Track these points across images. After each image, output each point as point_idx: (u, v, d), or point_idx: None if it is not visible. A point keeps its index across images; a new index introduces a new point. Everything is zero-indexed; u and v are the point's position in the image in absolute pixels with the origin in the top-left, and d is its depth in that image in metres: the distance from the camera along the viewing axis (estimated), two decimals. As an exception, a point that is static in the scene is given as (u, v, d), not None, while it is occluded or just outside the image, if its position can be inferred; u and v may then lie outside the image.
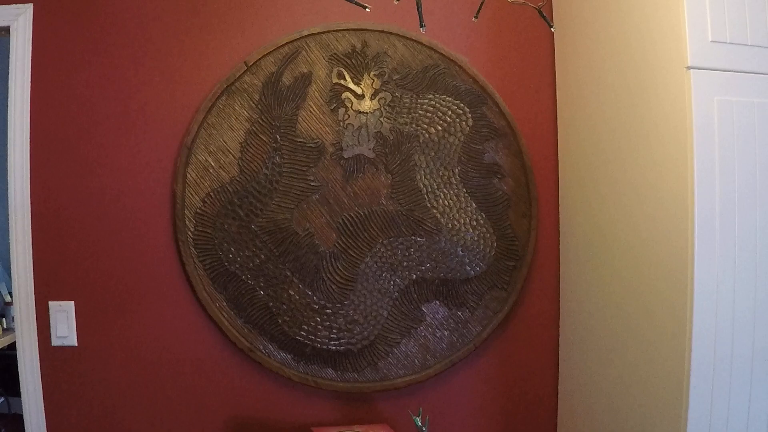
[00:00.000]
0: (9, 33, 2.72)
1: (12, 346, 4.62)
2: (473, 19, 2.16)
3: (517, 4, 2.13)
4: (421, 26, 1.95)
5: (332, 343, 2.83)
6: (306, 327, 2.81)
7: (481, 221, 2.91)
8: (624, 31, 2.54)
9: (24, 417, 2.71)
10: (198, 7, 2.80)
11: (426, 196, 2.87)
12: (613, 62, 2.61)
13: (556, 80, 3.00)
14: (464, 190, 2.90)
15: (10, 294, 4.96)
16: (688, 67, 2.23)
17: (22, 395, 2.71)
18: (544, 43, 3.00)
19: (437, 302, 2.89)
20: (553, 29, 2.07)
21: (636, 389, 2.49)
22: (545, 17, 1.99)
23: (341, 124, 2.82)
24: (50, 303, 2.72)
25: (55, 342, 2.73)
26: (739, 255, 2.26)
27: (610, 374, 2.65)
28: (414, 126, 2.87)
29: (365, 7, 2.02)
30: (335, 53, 2.83)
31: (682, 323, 2.25)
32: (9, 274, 2.74)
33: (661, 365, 2.36)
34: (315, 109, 2.81)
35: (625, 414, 2.55)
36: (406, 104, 2.86)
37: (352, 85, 2.83)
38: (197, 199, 2.75)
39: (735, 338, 2.26)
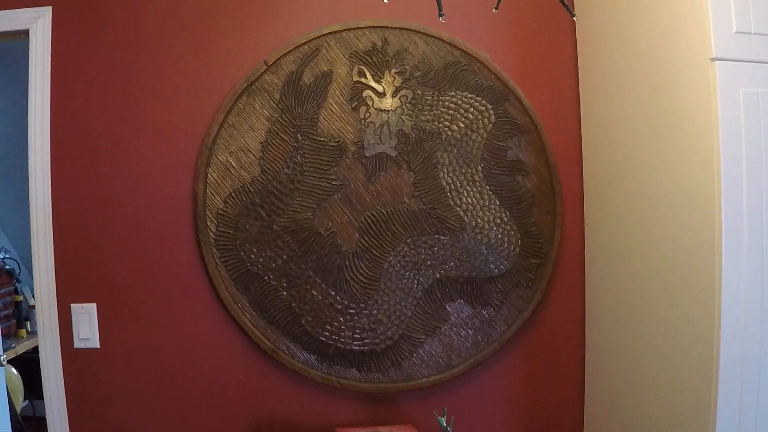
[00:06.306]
0: (28, 36, 2.72)
1: (37, 350, 4.64)
2: (493, 10, 2.13)
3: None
4: (440, 15, 1.93)
5: (356, 343, 2.81)
6: (329, 327, 2.79)
7: (505, 219, 2.88)
8: (647, 22, 2.51)
9: (47, 419, 2.71)
10: (216, 8, 2.79)
11: (449, 194, 2.85)
12: (636, 55, 2.58)
13: (579, 74, 2.96)
14: (488, 187, 2.87)
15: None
16: (713, 59, 2.20)
17: (45, 397, 2.71)
18: (566, 37, 2.97)
19: (461, 301, 2.86)
20: (575, 17, 2.04)
21: (664, 388, 2.46)
22: (566, 5, 1.95)
23: (363, 122, 2.80)
24: (72, 305, 2.72)
25: (78, 344, 2.73)
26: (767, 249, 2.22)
27: (637, 372, 2.61)
28: (436, 123, 2.84)
29: (382, -1, 2.00)
30: (355, 51, 2.81)
31: (711, 320, 2.22)
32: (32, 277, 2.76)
33: (690, 363, 2.32)
34: (336, 107, 2.79)
35: (654, 413, 2.52)
36: (428, 101, 2.84)
37: (373, 83, 2.81)
38: (219, 199, 2.74)
39: (763, 335, 2.22)
